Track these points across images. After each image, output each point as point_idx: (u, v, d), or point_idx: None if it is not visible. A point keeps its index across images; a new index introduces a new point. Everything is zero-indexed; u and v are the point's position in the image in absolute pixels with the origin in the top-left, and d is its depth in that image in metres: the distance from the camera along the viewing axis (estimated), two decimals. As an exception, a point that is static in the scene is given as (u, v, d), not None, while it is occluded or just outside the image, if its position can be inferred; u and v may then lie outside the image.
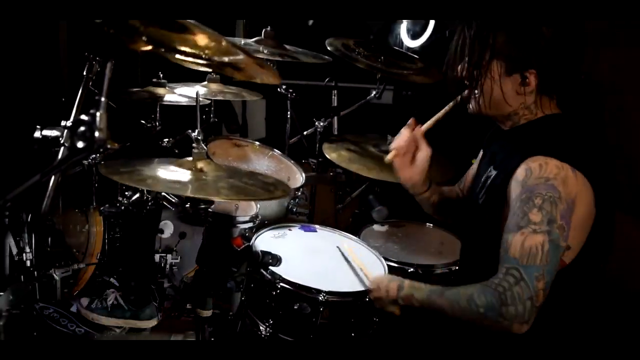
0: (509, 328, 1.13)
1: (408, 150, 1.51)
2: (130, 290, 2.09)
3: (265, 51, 2.13)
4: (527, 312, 1.11)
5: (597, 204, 1.20)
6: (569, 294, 1.26)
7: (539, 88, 1.28)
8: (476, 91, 1.32)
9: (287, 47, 2.28)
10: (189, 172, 1.32)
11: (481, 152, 1.60)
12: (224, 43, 0.99)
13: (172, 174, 1.30)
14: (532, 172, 1.18)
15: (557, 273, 1.16)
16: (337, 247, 1.79)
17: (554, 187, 1.15)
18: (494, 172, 1.35)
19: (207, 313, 1.46)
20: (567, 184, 1.16)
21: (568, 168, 1.17)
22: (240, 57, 1.04)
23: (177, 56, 1.03)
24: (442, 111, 1.47)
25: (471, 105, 1.37)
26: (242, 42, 2.21)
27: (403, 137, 1.51)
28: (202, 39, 0.98)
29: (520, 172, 1.20)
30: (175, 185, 1.25)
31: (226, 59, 1.05)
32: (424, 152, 1.50)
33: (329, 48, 2.20)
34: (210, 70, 2.03)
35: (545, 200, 1.14)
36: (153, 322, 2.07)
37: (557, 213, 1.14)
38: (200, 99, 2.19)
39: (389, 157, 1.52)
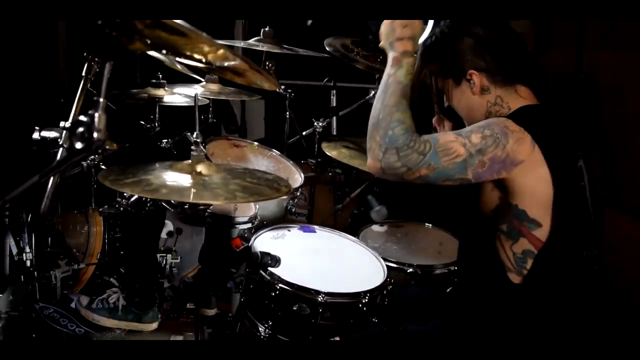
0: (377, 160, 1.24)
1: None
2: (135, 292, 2.09)
3: (265, 47, 2.13)
4: (398, 170, 1.22)
5: (555, 184, 1.23)
6: (550, 279, 1.28)
7: (492, 82, 1.35)
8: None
9: (286, 46, 2.28)
10: (195, 176, 1.30)
11: None
12: (221, 51, 0.99)
13: (180, 179, 1.28)
14: (498, 116, 1.29)
15: (539, 255, 1.24)
16: None
17: (506, 135, 1.22)
18: None
19: (212, 312, 1.46)
20: (519, 145, 1.22)
21: (528, 137, 1.23)
22: (238, 63, 1.04)
23: (178, 59, 1.03)
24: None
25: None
26: (242, 44, 2.21)
27: None
28: (201, 45, 0.98)
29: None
30: (187, 192, 1.23)
31: (225, 64, 1.05)
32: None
33: (327, 48, 2.20)
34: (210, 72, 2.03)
35: (491, 136, 1.22)
36: (154, 326, 2.07)
37: (491, 152, 1.21)
38: (199, 98, 2.20)
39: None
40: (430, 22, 1.43)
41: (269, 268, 1.51)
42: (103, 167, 2.13)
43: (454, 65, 1.37)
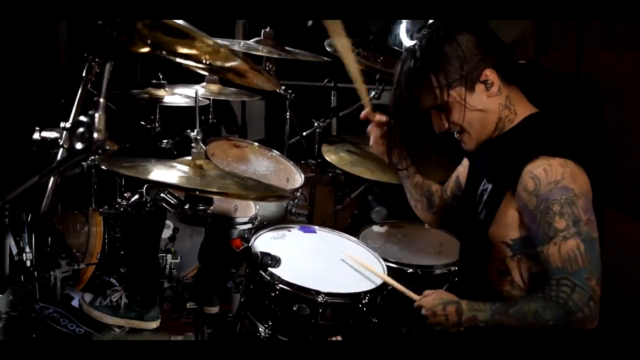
0: (583, 328, 1.19)
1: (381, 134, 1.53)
2: (137, 291, 2.09)
3: (265, 50, 2.12)
4: (593, 311, 1.16)
5: (593, 197, 1.22)
6: None
7: (501, 81, 1.28)
8: (459, 128, 1.33)
9: (286, 47, 2.28)
10: (192, 169, 1.31)
11: (465, 160, 1.59)
12: (222, 50, 0.99)
13: (180, 171, 1.29)
14: (539, 179, 1.19)
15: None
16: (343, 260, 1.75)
17: (566, 187, 1.17)
18: (489, 186, 1.34)
19: (215, 310, 1.46)
20: (577, 178, 1.18)
21: (572, 163, 1.19)
22: (239, 63, 1.04)
23: (178, 60, 1.04)
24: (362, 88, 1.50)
25: (467, 146, 1.37)
26: (242, 44, 2.21)
27: (374, 133, 1.53)
28: (202, 46, 0.98)
29: (528, 183, 1.20)
30: (182, 179, 1.23)
31: (226, 65, 1.06)
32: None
33: (328, 49, 2.20)
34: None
35: (563, 205, 1.16)
36: (156, 324, 2.06)
37: (579, 210, 1.16)
38: (200, 99, 2.20)
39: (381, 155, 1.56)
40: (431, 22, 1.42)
41: (269, 268, 1.51)
42: (103, 167, 2.13)
43: (464, 67, 1.24)
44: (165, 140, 2.38)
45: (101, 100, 0.89)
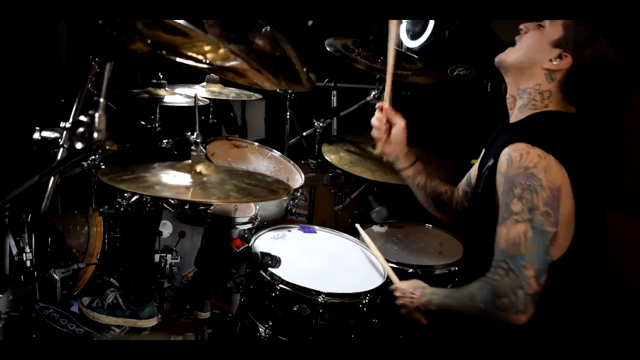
0: (507, 319, 1.14)
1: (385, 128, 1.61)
2: (130, 289, 2.09)
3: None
4: (519, 301, 1.12)
5: (575, 201, 1.21)
6: (563, 290, 1.26)
7: (565, 80, 1.28)
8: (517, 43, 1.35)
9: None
10: (190, 175, 1.31)
11: (483, 152, 1.61)
12: (221, 51, 0.99)
13: (177, 178, 1.29)
14: (512, 162, 1.20)
15: (553, 265, 1.17)
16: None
17: (534, 175, 1.16)
18: (491, 162, 1.36)
19: (205, 315, 1.46)
20: (550, 173, 1.17)
21: (552, 158, 1.18)
22: (239, 62, 1.04)
23: (179, 59, 1.04)
24: (389, 81, 1.57)
25: (503, 53, 1.39)
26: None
27: (377, 121, 1.61)
28: (201, 45, 0.98)
29: (502, 163, 1.22)
30: (182, 190, 1.24)
31: (226, 64, 1.06)
32: (398, 125, 1.59)
33: (328, 49, 2.20)
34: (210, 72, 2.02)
35: (525, 190, 1.16)
36: (153, 322, 2.07)
37: (539, 200, 1.15)
38: (200, 98, 2.20)
39: (377, 150, 1.64)
40: (431, 23, 1.42)
41: (269, 268, 1.51)
42: (103, 167, 2.14)
43: (565, 33, 1.28)
44: (166, 140, 2.39)
45: (101, 100, 0.89)
